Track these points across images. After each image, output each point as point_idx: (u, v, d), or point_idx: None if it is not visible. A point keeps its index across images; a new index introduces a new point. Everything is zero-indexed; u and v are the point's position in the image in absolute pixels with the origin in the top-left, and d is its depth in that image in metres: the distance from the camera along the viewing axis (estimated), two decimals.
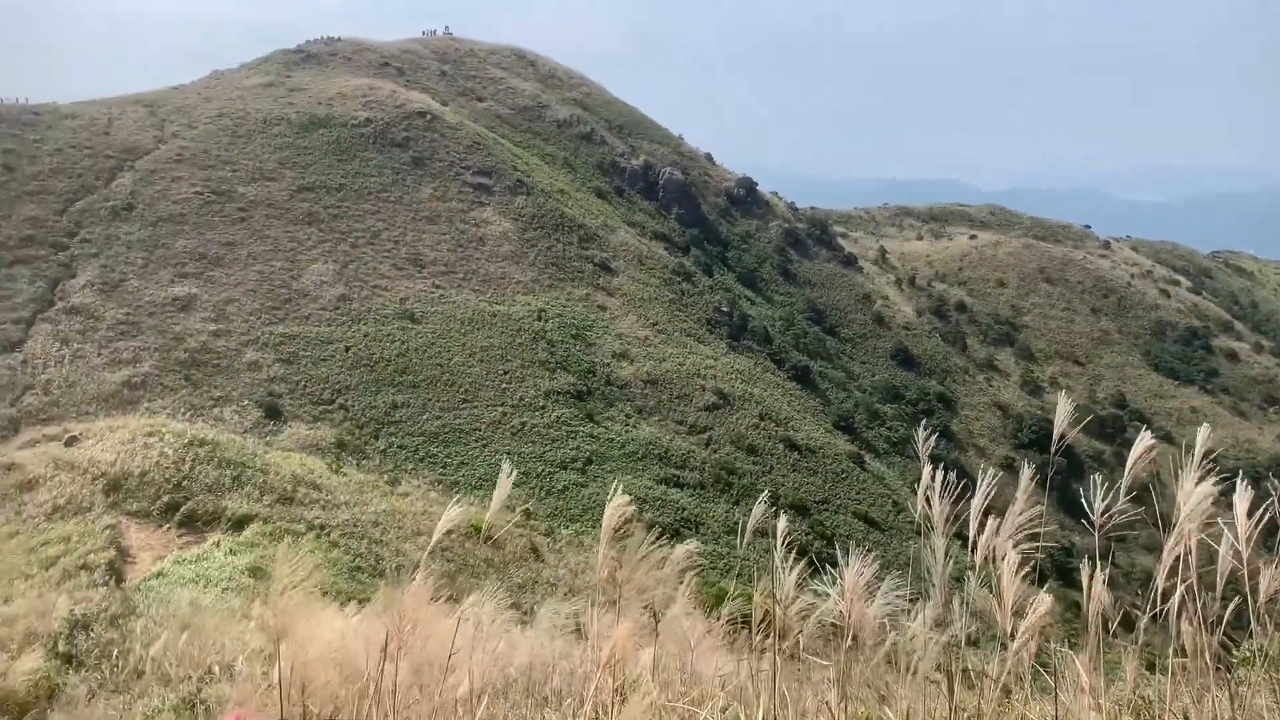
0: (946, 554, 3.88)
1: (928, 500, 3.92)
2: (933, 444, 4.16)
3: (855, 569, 3.74)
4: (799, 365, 75.42)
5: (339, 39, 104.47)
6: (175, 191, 64.60)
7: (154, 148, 70.26)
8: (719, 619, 6.22)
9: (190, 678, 9.49)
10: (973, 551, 3.81)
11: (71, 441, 30.73)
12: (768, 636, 4.50)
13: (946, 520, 3.83)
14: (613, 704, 4.04)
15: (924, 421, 5.25)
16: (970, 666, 4.43)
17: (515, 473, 4.67)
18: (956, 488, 3.99)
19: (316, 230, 64.44)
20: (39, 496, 25.51)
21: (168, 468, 27.44)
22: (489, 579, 27.01)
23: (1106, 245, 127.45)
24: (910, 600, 4.17)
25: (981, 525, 3.78)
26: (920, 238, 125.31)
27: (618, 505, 4.43)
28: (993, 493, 4.00)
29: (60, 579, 18.16)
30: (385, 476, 40.91)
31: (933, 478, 4.02)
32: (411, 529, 30.15)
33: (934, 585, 3.82)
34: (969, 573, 4.04)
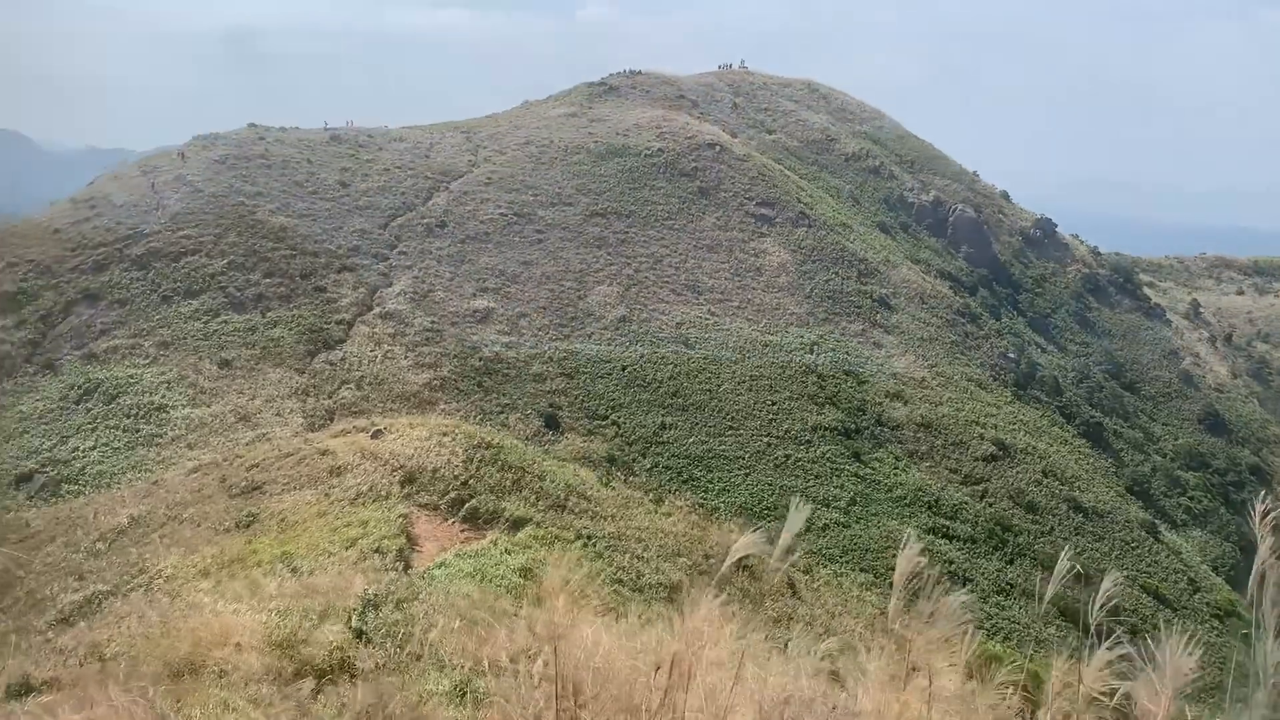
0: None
1: (1259, 586, 3.44)
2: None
3: (1174, 660, 3.31)
4: (1091, 421, 70.13)
5: (640, 72, 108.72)
6: (483, 212, 69.72)
7: (467, 170, 76.29)
8: (989, 685, 5.83)
9: (462, 666, 10.06)
10: None
11: (377, 434, 33.74)
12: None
13: None
14: None
15: (1264, 494, 4.65)
16: None
17: (778, 508, 4.60)
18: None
19: (605, 254, 67.34)
20: (346, 482, 28.17)
21: (457, 466, 29.46)
22: (744, 609, 26.92)
23: None
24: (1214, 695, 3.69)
25: None
26: (1241, 292, 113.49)
27: (909, 557, 4.24)
28: None
29: (357, 559, 19.86)
30: (650, 494, 41.82)
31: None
32: (672, 549, 30.60)
33: (1260, 688, 3.35)
34: None
